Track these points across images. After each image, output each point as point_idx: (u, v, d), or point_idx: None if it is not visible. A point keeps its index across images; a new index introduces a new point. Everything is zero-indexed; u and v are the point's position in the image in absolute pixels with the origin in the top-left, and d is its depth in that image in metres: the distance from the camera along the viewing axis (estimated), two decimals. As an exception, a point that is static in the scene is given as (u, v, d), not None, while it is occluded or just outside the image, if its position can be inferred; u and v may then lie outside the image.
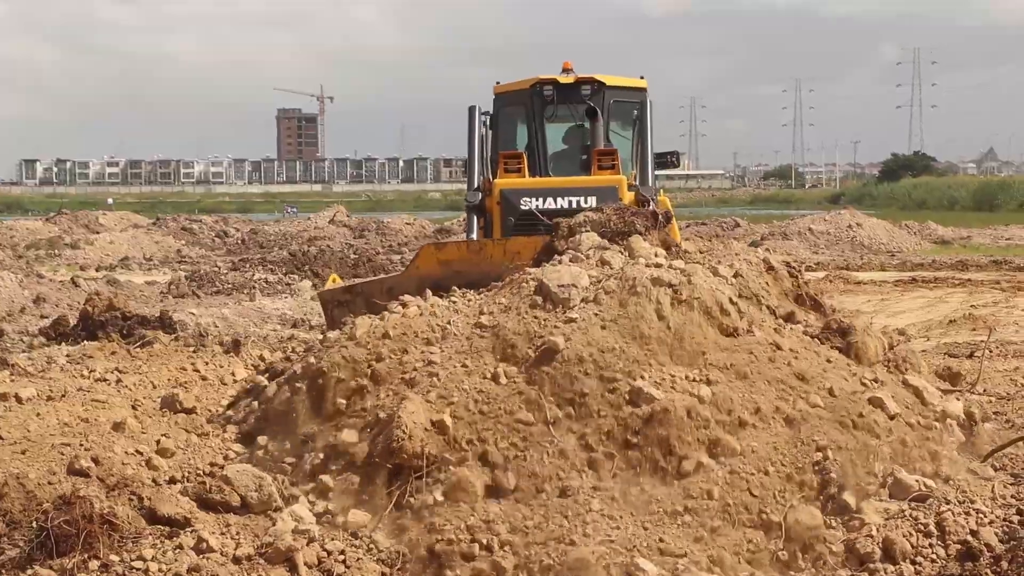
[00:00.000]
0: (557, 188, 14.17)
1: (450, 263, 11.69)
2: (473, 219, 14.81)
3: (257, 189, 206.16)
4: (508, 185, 14.41)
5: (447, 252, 11.95)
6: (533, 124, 16.65)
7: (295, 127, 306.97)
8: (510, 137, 16.77)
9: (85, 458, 9.82)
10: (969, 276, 32.54)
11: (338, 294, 12.15)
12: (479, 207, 14.76)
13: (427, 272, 11.64)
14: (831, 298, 27.65)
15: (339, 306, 11.91)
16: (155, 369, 14.07)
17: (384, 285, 11.86)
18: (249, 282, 30.42)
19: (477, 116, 15.71)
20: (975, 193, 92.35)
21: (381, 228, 56.29)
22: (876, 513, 7.78)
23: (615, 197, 13.40)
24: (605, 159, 14.52)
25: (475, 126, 15.59)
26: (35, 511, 8.92)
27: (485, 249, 11.79)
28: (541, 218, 13.21)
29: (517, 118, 16.91)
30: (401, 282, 11.58)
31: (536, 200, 13.89)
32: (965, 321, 21.45)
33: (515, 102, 16.85)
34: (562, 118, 16.69)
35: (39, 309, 24.88)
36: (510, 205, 14.08)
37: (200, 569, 7.71)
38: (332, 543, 7.78)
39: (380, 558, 7.65)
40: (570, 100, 16.43)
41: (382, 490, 7.93)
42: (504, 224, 14.02)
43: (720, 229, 53.01)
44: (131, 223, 59.61)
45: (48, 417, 11.75)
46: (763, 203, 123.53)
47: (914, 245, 47.56)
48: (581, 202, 13.44)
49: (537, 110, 16.62)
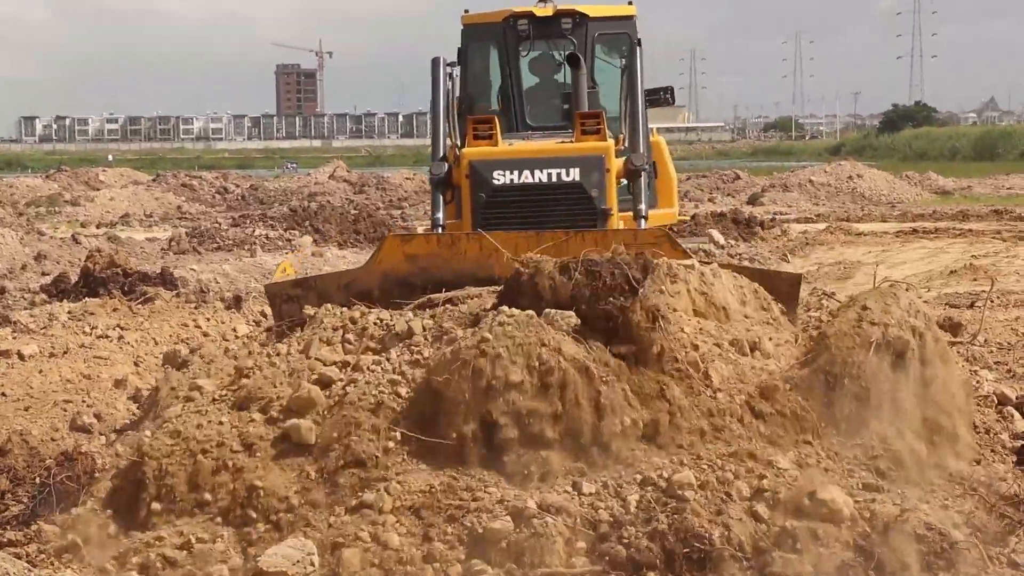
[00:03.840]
0: (535, 159, 12.03)
1: (417, 258, 10.14)
2: (439, 196, 12.41)
3: (257, 145, 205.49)
4: (478, 156, 12.07)
5: (414, 245, 10.30)
6: (507, 64, 14.57)
7: (294, 83, 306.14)
8: (481, 78, 14.92)
9: (87, 414, 9.89)
10: (970, 226, 32.52)
11: (287, 287, 10.55)
12: (445, 181, 12.34)
13: (391, 267, 10.16)
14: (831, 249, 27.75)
15: (288, 301, 10.33)
16: (157, 325, 14.10)
17: (342, 280, 10.40)
18: (250, 238, 30.40)
19: (442, 70, 13.12)
20: (976, 143, 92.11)
21: (381, 183, 56.21)
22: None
23: (601, 168, 11.86)
24: (589, 122, 12.27)
25: (439, 82, 13.02)
26: (38, 467, 8.96)
27: (458, 244, 10.22)
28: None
29: (488, 56, 14.88)
30: (362, 277, 10.26)
31: (511, 174, 11.84)
32: (966, 271, 21.45)
33: (485, 36, 14.73)
34: (540, 57, 14.75)
35: (40, 266, 24.88)
36: (481, 179, 11.85)
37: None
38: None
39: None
40: (549, 35, 14.41)
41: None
42: (475, 202, 11.89)
43: (721, 182, 52.93)
44: (131, 180, 59.56)
45: (50, 374, 11.80)
46: (763, 155, 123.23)
47: (915, 196, 47.53)
48: (563, 175, 11.78)
49: (511, 47, 14.51)
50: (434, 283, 9.87)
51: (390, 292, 9.95)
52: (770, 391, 8.45)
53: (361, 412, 8.26)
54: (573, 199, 11.72)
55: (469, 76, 14.67)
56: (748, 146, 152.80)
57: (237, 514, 8.02)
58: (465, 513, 7.66)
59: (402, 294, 9.86)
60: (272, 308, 10.58)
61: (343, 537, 7.64)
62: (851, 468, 8.02)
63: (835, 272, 23.10)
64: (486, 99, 14.79)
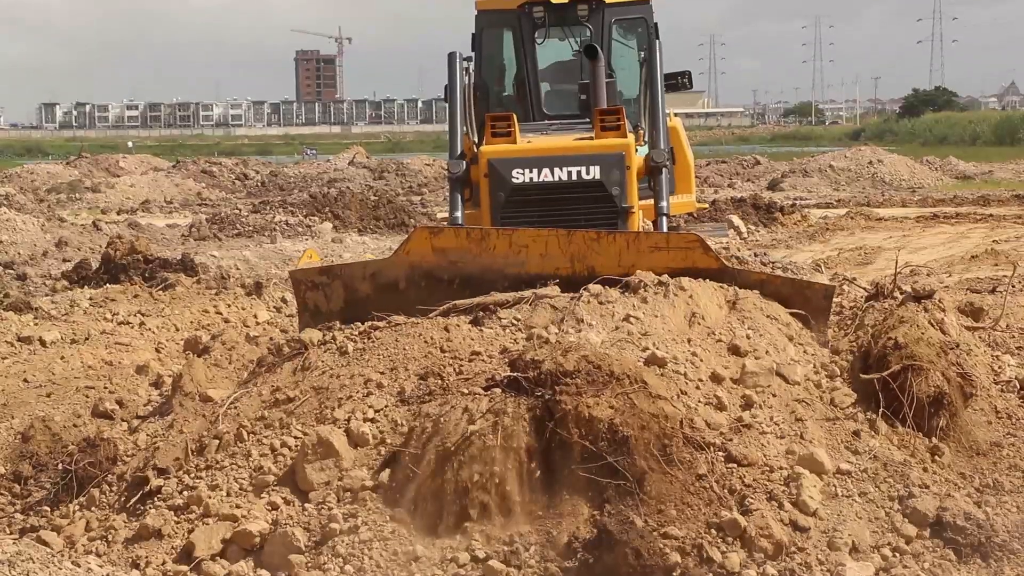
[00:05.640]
0: (554, 157, 11.83)
1: (446, 252, 9.90)
2: (457, 195, 12.34)
3: (276, 131, 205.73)
4: (496, 154, 11.87)
5: (444, 239, 10.02)
6: (522, 51, 14.30)
7: (314, 69, 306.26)
8: (495, 64, 14.71)
9: (109, 400, 9.90)
10: (991, 211, 32.44)
11: (313, 275, 10.39)
12: (463, 179, 12.25)
13: (419, 259, 9.96)
14: (851, 234, 27.70)
15: (313, 289, 10.23)
16: (177, 312, 14.14)
17: (368, 270, 10.22)
18: (270, 224, 30.42)
19: (459, 66, 12.93)
20: (996, 128, 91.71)
21: (401, 169, 56.24)
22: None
23: (622, 165, 11.68)
24: (609, 119, 11.98)
25: (456, 77, 12.84)
26: (60, 453, 8.98)
27: (488, 239, 9.94)
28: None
29: (503, 42, 14.65)
30: (388, 268, 10.07)
31: (530, 172, 11.68)
32: (987, 256, 21.40)
33: (500, 23, 14.50)
34: (556, 45, 14.49)
35: (61, 253, 24.96)
36: (500, 178, 11.76)
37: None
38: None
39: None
40: (565, 22, 14.19)
41: None
42: (494, 200, 11.77)
43: (740, 167, 52.83)
44: (151, 166, 59.67)
45: (72, 360, 11.84)
46: (783, 140, 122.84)
47: (935, 181, 47.40)
48: (583, 173, 11.60)
49: (527, 34, 14.21)
50: (461, 277, 9.76)
51: (416, 284, 9.83)
52: None
53: None
54: (594, 197, 11.59)
55: (483, 62, 14.46)
56: (768, 131, 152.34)
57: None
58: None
59: (428, 286, 9.76)
60: (296, 295, 10.47)
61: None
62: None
63: (856, 257, 23.05)
64: (500, 86, 14.68)
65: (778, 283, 9.74)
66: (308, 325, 10.04)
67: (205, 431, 8.62)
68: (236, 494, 7.96)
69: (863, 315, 9.57)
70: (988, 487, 8.16)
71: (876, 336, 8.91)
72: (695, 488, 7.49)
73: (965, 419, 8.66)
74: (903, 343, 8.63)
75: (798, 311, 9.48)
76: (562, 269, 9.62)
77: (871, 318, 9.39)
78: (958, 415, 8.59)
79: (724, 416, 8.02)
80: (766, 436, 7.95)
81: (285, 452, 8.13)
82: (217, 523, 7.78)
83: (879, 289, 9.88)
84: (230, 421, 8.60)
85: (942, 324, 9.11)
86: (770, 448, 7.86)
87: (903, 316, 8.97)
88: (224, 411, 8.72)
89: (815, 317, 9.46)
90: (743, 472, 7.67)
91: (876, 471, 7.96)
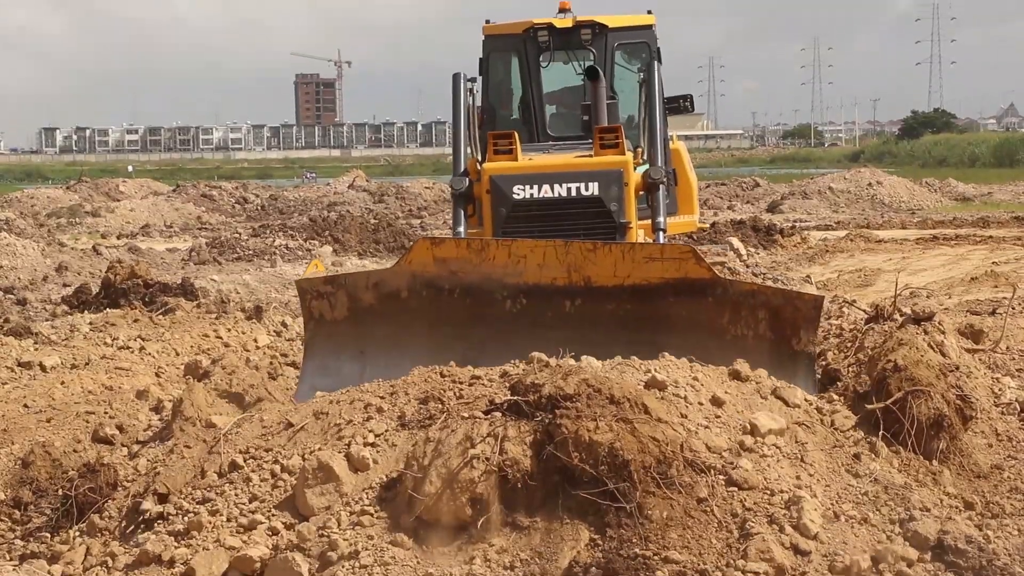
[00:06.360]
0: (554, 174, 12.25)
1: (447, 262, 10.16)
2: (460, 210, 12.72)
3: (276, 155, 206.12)
4: (498, 171, 12.30)
5: (445, 249, 10.28)
6: (527, 74, 14.79)
7: (313, 92, 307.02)
8: (502, 88, 15.18)
9: (110, 425, 9.88)
10: (991, 233, 32.45)
11: (318, 284, 10.67)
12: (466, 195, 12.63)
13: (421, 269, 10.23)
14: (851, 256, 27.71)
15: (318, 298, 10.50)
16: (178, 336, 14.14)
17: (371, 279, 10.49)
18: (270, 248, 30.45)
19: (463, 86, 13.23)
20: (995, 149, 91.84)
21: (400, 192, 56.28)
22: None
23: (620, 182, 12.06)
24: (608, 136, 12.35)
25: (460, 97, 13.15)
26: (61, 479, 8.98)
27: (488, 250, 10.19)
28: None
29: (510, 66, 15.12)
30: (390, 278, 10.37)
31: (531, 188, 12.09)
32: (987, 278, 21.40)
33: (507, 47, 14.97)
34: (560, 68, 14.94)
35: (61, 277, 24.97)
36: (501, 195, 12.17)
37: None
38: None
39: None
40: (569, 46, 14.64)
41: None
42: (496, 216, 12.19)
43: (740, 189, 52.88)
44: (151, 190, 59.69)
45: (72, 385, 11.83)
46: (783, 162, 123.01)
47: (935, 202, 47.45)
48: (582, 189, 12.01)
49: (531, 58, 14.72)
50: (462, 287, 10.01)
51: (418, 293, 10.08)
52: None
53: None
54: (592, 213, 11.93)
55: (491, 86, 14.90)
56: (767, 153, 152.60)
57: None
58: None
59: (429, 296, 10.03)
60: (302, 304, 10.71)
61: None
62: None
63: (855, 279, 23.05)
64: (507, 109, 14.97)
65: (768, 293, 9.84)
66: (314, 333, 10.36)
67: (206, 456, 8.62)
68: (237, 519, 7.95)
69: (863, 337, 9.59)
70: (989, 510, 8.16)
71: (876, 358, 8.92)
72: (696, 512, 7.48)
73: (966, 442, 8.66)
74: (903, 365, 8.63)
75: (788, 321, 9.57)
76: (559, 279, 9.83)
77: (871, 340, 9.41)
78: (958, 438, 8.59)
79: (724, 439, 8.02)
80: (766, 459, 7.95)
81: (285, 477, 8.13)
82: (218, 549, 7.76)
83: (879, 311, 9.90)
84: (230, 446, 8.60)
85: (942, 346, 9.12)
86: (771, 471, 7.85)
87: (903, 338, 8.98)
88: (224, 436, 8.73)
89: (804, 327, 9.54)
90: (744, 495, 7.66)
91: (877, 494, 7.95)
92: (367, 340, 10.35)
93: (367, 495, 7.88)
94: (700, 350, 9.25)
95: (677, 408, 8.14)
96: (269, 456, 8.36)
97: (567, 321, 9.87)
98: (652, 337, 9.60)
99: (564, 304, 9.87)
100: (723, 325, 9.65)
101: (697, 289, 9.63)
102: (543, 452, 7.57)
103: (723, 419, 8.23)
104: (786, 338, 9.53)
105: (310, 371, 10.44)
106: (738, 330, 9.62)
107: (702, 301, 9.65)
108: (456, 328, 10.09)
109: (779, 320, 9.56)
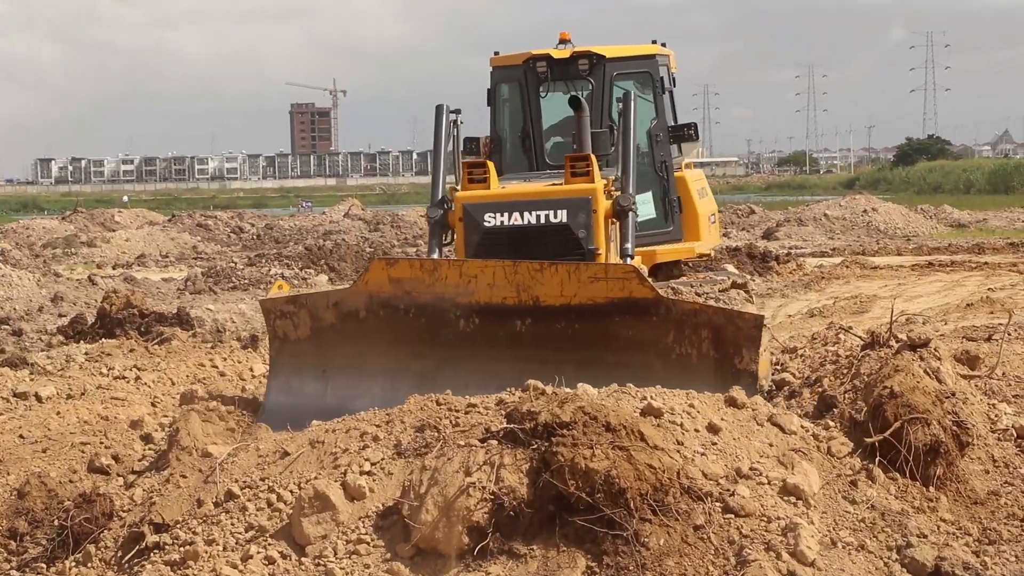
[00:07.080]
0: (524, 201, 12.45)
1: (401, 282, 10.47)
2: (435, 238, 12.94)
3: (272, 184, 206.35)
4: (470, 199, 12.54)
5: (399, 269, 10.60)
6: (527, 104, 15.13)
7: (308, 121, 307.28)
8: (508, 117, 15.47)
9: (105, 456, 9.87)
10: (986, 259, 32.44)
11: (281, 304, 10.95)
12: (442, 223, 12.83)
13: (377, 289, 10.55)
14: (847, 283, 27.72)
15: (282, 317, 10.86)
16: (173, 366, 14.12)
17: (330, 299, 10.82)
18: (265, 277, 30.44)
19: (445, 117, 13.42)
20: (990, 176, 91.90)
21: (396, 221, 56.26)
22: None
23: (588, 209, 12.20)
24: (579, 165, 12.54)
25: (442, 128, 13.37)
26: (56, 509, 8.96)
27: (440, 270, 10.51)
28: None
29: (513, 96, 15.45)
30: (349, 297, 10.71)
31: (501, 216, 12.31)
32: (983, 304, 21.38)
33: (510, 78, 15.37)
34: (559, 98, 15.09)
35: (57, 308, 24.94)
36: (473, 222, 12.41)
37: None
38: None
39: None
40: (567, 76, 14.91)
41: None
42: (468, 243, 12.45)
43: (735, 216, 52.91)
44: (147, 220, 59.64)
45: (68, 415, 11.82)
46: (778, 189, 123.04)
47: (930, 229, 47.46)
48: (551, 216, 12.22)
49: (531, 88, 15.07)
50: (416, 306, 10.35)
51: (375, 313, 10.45)
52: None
53: None
54: (561, 240, 12.15)
55: (497, 115, 15.36)
56: (762, 180, 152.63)
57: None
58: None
59: (386, 315, 10.41)
60: (266, 323, 11.05)
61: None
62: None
63: (851, 306, 23.03)
64: (515, 138, 15.20)
65: (710, 312, 9.99)
66: (279, 352, 10.77)
67: (202, 486, 8.61)
68: (233, 549, 7.93)
69: (859, 364, 9.59)
70: (986, 536, 8.15)
71: (872, 385, 8.93)
72: (693, 539, 7.48)
73: (962, 468, 8.66)
74: (899, 392, 8.63)
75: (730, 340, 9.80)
76: (509, 299, 10.17)
77: (867, 367, 9.41)
78: (955, 464, 8.59)
79: (721, 466, 8.02)
80: (763, 487, 7.94)
81: (281, 506, 8.11)
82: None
83: (875, 338, 9.90)
84: (226, 476, 8.58)
85: (938, 373, 9.13)
86: (767, 498, 7.85)
87: (899, 365, 8.98)
88: (221, 465, 8.72)
89: (746, 345, 9.74)
90: (741, 522, 7.66)
91: (874, 520, 7.95)
92: (329, 359, 10.66)
93: (363, 524, 7.87)
94: (646, 369, 9.49)
95: (673, 435, 8.14)
96: (265, 485, 8.35)
97: (519, 340, 10.18)
98: (601, 356, 9.92)
99: (515, 323, 10.19)
100: (668, 344, 9.90)
101: (641, 308, 9.90)
102: (539, 480, 7.56)
103: (719, 446, 8.23)
104: (729, 357, 9.77)
105: (274, 390, 10.68)
106: (683, 349, 9.88)
107: (647, 320, 9.91)
108: (413, 347, 10.41)
109: (721, 339, 9.81)
